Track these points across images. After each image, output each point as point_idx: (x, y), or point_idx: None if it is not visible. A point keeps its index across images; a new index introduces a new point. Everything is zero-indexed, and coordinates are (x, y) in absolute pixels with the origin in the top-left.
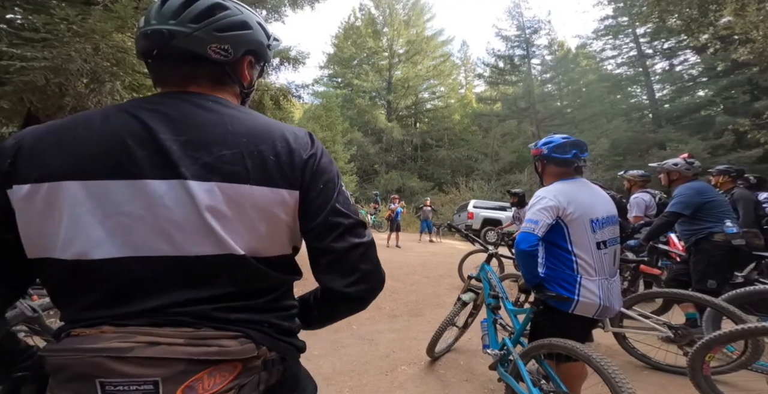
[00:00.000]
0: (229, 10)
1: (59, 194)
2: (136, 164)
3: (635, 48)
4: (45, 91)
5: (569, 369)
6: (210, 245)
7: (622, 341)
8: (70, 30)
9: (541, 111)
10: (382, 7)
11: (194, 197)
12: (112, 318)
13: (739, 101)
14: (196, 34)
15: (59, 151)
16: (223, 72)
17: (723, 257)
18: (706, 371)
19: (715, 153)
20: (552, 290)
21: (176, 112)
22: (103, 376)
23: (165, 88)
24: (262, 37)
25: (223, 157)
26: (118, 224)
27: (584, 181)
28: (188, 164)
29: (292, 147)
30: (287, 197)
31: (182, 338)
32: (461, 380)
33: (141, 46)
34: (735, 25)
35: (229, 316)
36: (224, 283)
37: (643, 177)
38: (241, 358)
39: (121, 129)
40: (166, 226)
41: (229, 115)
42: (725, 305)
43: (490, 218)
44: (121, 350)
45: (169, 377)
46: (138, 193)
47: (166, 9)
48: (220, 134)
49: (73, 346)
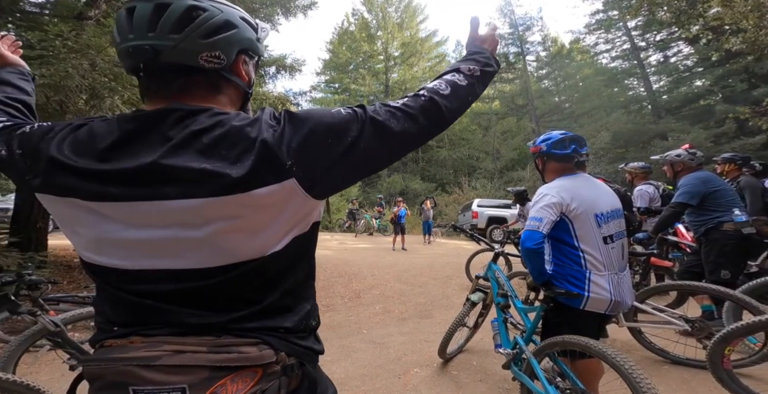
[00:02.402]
0: (208, 11)
1: (64, 207)
2: (129, 187)
3: (628, 41)
4: (46, 110)
5: (585, 366)
6: (218, 256)
7: (638, 335)
8: (66, 46)
9: (539, 107)
10: (375, 11)
11: (190, 212)
12: (140, 328)
13: (737, 90)
14: (181, 46)
15: (70, 162)
16: (220, 78)
17: (734, 247)
18: (727, 364)
19: (718, 142)
20: (561, 286)
21: (163, 130)
22: (134, 384)
23: (153, 104)
24: (250, 33)
25: (204, 171)
26: (121, 244)
27: (586, 176)
28: (175, 182)
29: (266, 140)
30: (286, 186)
31: (205, 346)
32: (475, 380)
33: (126, 64)
34: (724, 16)
35: (245, 325)
36: (234, 289)
37: (644, 169)
38: (260, 363)
39: (116, 151)
40: (168, 243)
41: (206, 126)
42: (741, 296)
43: (495, 217)
44: (148, 359)
45: (196, 383)
46: (136, 215)
47: (138, 20)
48: (205, 148)
49: (105, 356)
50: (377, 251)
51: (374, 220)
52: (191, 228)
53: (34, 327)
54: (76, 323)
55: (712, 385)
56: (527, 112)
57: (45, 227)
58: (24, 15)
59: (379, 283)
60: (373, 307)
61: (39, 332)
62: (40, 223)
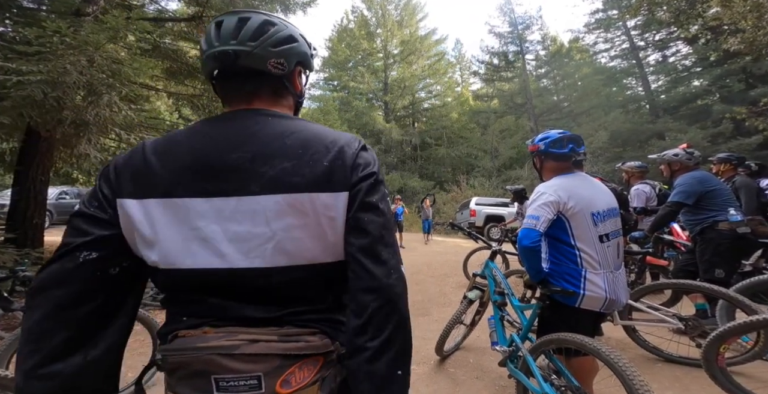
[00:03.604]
0: (277, 25)
1: (154, 210)
2: (212, 183)
3: (627, 40)
4: (43, 106)
5: (580, 363)
6: (280, 256)
7: (632, 333)
8: (63, 42)
9: (538, 106)
10: (375, 9)
11: (263, 210)
12: (211, 320)
13: (734, 90)
14: (255, 52)
15: (155, 171)
16: (282, 85)
17: (729, 246)
18: (721, 362)
19: (714, 141)
20: (557, 284)
21: (244, 130)
22: (216, 372)
23: (233, 106)
24: (306, 48)
25: (285, 170)
26: (198, 238)
27: (583, 175)
28: (256, 179)
29: (345, 151)
30: (341, 200)
31: (276, 335)
32: (472, 377)
33: (209, 67)
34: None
35: (302, 317)
36: (296, 288)
37: (641, 168)
38: (323, 352)
39: (200, 151)
40: (236, 240)
41: (287, 129)
42: (735, 295)
43: (492, 215)
44: (229, 348)
45: (269, 371)
46: (213, 211)
47: (224, 31)
48: (280, 148)
49: (189, 345)
50: None
51: None
52: (264, 225)
53: None
54: None
55: (704, 382)
56: (526, 111)
57: (41, 224)
58: (21, 11)
59: None
60: None
61: None
62: (37, 219)
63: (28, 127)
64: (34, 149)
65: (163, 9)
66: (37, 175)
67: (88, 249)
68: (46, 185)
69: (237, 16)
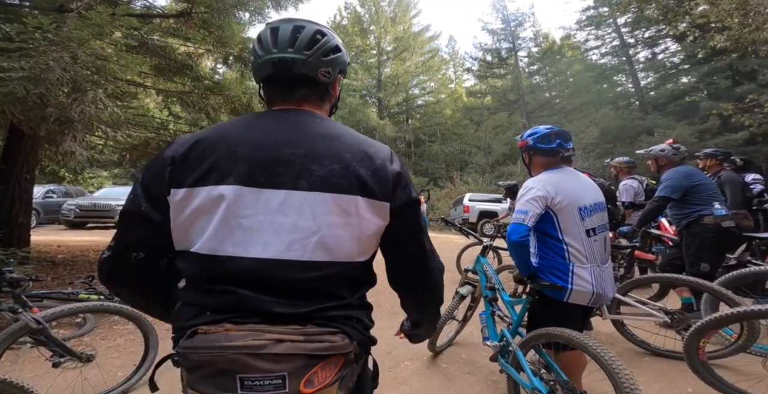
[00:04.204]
0: (327, 35)
1: (207, 196)
2: (264, 175)
3: (617, 38)
4: (26, 103)
5: (568, 358)
6: (323, 250)
7: (621, 328)
8: (46, 39)
9: (530, 102)
10: (368, 5)
11: (312, 205)
12: (234, 316)
13: (721, 87)
14: (310, 60)
15: (222, 153)
16: (326, 91)
17: (714, 240)
18: (702, 356)
19: (702, 137)
20: (546, 279)
21: (297, 128)
22: (242, 372)
23: (281, 106)
24: (347, 57)
25: (334, 171)
26: (242, 226)
27: (570, 170)
28: (307, 176)
29: (387, 165)
30: (382, 208)
31: (301, 335)
32: (464, 372)
33: (265, 72)
34: (710, 14)
35: (328, 313)
36: (327, 284)
37: (629, 163)
38: (345, 352)
39: (254, 143)
40: (281, 230)
41: (334, 132)
42: (719, 289)
43: (486, 211)
44: (256, 348)
45: (294, 371)
46: (262, 201)
47: (281, 38)
48: (330, 150)
49: (213, 344)
50: None
51: None
52: (310, 219)
53: (15, 325)
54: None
55: (689, 376)
56: (518, 108)
57: (27, 223)
58: (2, 7)
59: None
60: None
61: (20, 329)
62: (22, 218)
63: (11, 124)
64: (18, 147)
65: (150, 5)
66: (22, 173)
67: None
68: (31, 184)
69: (293, 24)
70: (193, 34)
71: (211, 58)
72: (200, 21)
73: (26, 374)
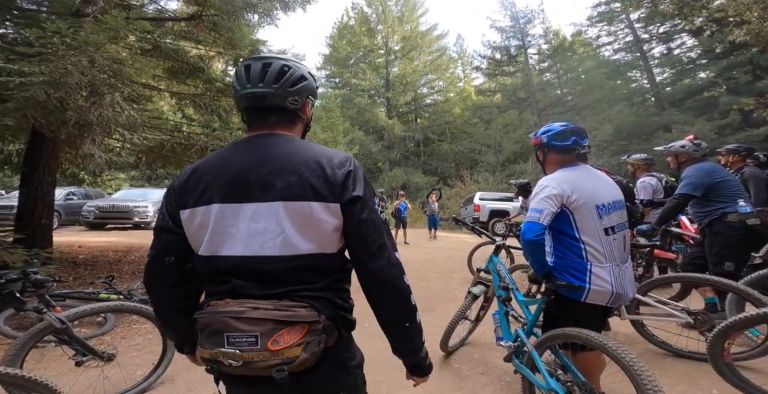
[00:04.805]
0: (292, 68)
1: (202, 213)
2: (241, 192)
3: (631, 33)
4: (47, 107)
5: (586, 359)
6: (288, 247)
7: (640, 328)
8: (64, 43)
9: (541, 100)
10: (375, 5)
11: (276, 213)
12: (230, 294)
13: (741, 81)
14: (278, 92)
15: (207, 181)
16: (296, 115)
17: (739, 238)
18: (727, 358)
19: (722, 133)
20: (562, 278)
21: (264, 150)
22: (227, 331)
23: (257, 131)
24: (314, 82)
25: (291, 183)
26: (230, 233)
27: (587, 167)
28: (271, 190)
29: (336, 171)
30: (334, 208)
31: (272, 306)
32: (476, 373)
33: (243, 105)
34: (728, 8)
35: (299, 293)
36: (297, 272)
37: (647, 160)
38: (308, 321)
39: (231, 168)
40: (255, 234)
41: (294, 149)
42: (744, 288)
43: (497, 210)
44: (237, 313)
45: (264, 332)
46: (239, 213)
47: (253, 75)
48: (288, 166)
49: (213, 310)
50: None
51: None
52: (276, 224)
53: (39, 324)
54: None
55: (714, 377)
56: (529, 106)
57: (50, 224)
58: (21, 12)
59: None
60: None
61: (45, 328)
62: (45, 219)
63: (32, 128)
64: (39, 150)
65: (162, 9)
66: (44, 176)
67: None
68: (53, 186)
69: (262, 62)
70: (204, 36)
71: (222, 61)
72: (211, 23)
73: (50, 373)
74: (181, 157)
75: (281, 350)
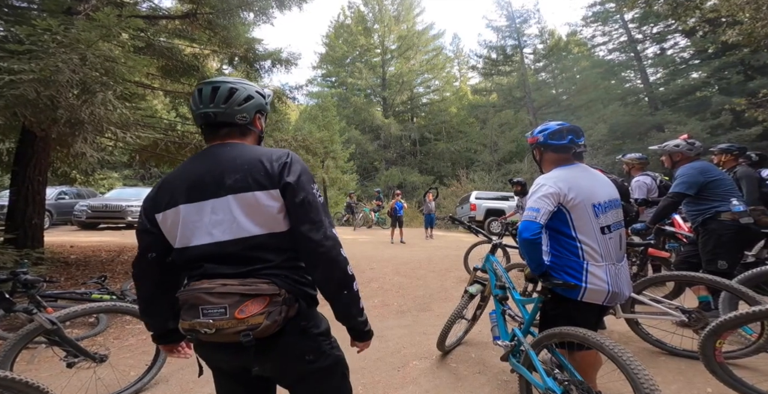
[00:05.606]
0: (238, 90)
1: (172, 214)
2: (200, 193)
3: (625, 33)
4: (37, 105)
5: (582, 358)
6: (241, 230)
7: (635, 327)
8: (55, 41)
9: (536, 99)
10: (371, 4)
11: (228, 205)
12: (205, 276)
13: (733, 82)
14: (227, 111)
15: (173, 188)
16: (246, 129)
17: (732, 237)
18: (719, 357)
19: (714, 133)
20: (558, 277)
21: (216, 157)
22: (201, 304)
23: (212, 142)
24: (261, 99)
25: (237, 179)
26: (197, 227)
27: (583, 166)
28: (223, 187)
29: (274, 164)
30: (275, 193)
31: (238, 282)
32: (473, 372)
33: (199, 122)
34: (721, 8)
35: (261, 272)
36: (253, 251)
37: (641, 160)
38: (268, 294)
39: (191, 174)
40: (216, 224)
41: (239, 153)
42: (737, 287)
43: (493, 209)
44: (208, 289)
45: (232, 304)
46: (201, 210)
47: (204, 97)
48: (234, 166)
49: (190, 288)
50: (376, 245)
51: (372, 213)
52: (229, 213)
53: (30, 325)
54: (75, 320)
55: (708, 375)
56: (524, 105)
57: (41, 224)
58: (12, 10)
59: (377, 276)
60: (371, 300)
61: (35, 330)
62: (36, 219)
63: (23, 126)
64: (30, 149)
65: (156, 6)
66: (35, 175)
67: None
68: (44, 185)
69: (211, 86)
70: (198, 35)
71: (216, 59)
72: (205, 22)
73: (42, 374)
74: (175, 156)
75: (246, 318)
